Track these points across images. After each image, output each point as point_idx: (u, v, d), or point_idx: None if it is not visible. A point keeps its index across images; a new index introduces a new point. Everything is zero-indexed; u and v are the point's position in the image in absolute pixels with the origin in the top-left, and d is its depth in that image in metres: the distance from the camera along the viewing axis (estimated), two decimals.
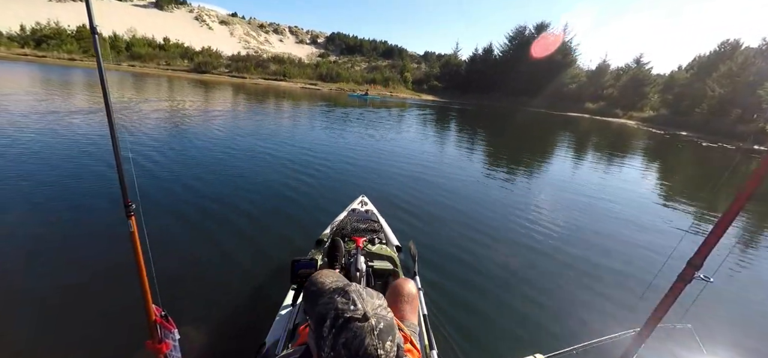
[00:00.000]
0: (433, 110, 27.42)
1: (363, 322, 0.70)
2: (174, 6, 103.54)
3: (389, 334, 0.73)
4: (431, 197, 5.41)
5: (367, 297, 0.76)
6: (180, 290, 2.56)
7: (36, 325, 2.17)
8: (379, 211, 3.42)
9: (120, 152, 1.37)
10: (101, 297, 2.47)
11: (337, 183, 5.69)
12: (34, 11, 52.23)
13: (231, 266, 3.01)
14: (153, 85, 23.17)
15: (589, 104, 44.34)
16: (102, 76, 1.28)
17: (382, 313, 0.74)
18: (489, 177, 7.30)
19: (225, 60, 46.41)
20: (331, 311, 0.72)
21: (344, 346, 0.69)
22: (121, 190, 1.38)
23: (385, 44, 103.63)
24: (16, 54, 36.98)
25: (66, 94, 13.56)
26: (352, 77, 49.58)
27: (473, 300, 2.89)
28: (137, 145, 6.51)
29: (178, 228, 3.55)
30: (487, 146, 12.19)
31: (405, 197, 5.28)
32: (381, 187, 5.69)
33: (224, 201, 4.36)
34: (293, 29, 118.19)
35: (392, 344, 0.73)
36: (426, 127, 15.89)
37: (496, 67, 52.55)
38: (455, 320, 2.53)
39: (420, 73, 62.23)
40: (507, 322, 2.68)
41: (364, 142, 9.58)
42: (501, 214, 5.04)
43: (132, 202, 1.42)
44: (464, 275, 3.25)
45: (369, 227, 2.60)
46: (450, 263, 3.44)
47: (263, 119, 12.32)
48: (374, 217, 2.96)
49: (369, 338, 0.69)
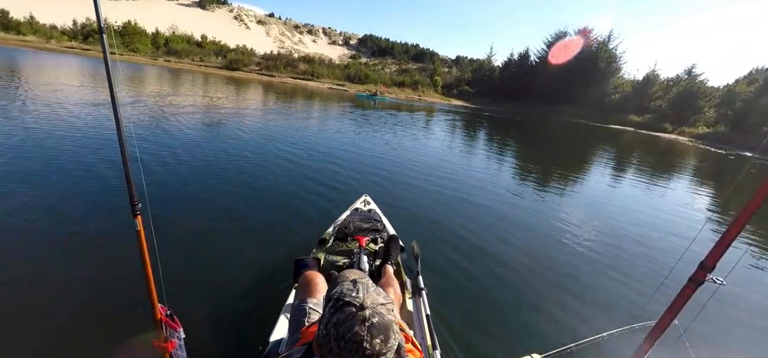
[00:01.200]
0: (460, 116, 26.12)
1: (357, 310, 0.72)
2: (216, 5, 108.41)
3: (382, 332, 0.72)
4: (435, 198, 5.38)
5: (372, 292, 0.77)
6: (185, 290, 2.56)
7: (42, 323, 2.16)
8: (382, 210, 3.41)
9: (127, 150, 1.32)
10: (107, 296, 2.47)
11: (341, 182, 5.66)
12: (88, 9, 55.75)
13: (235, 265, 3.01)
14: (175, 81, 23.29)
15: (634, 117, 41.01)
16: (109, 74, 1.25)
17: (380, 310, 0.75)
18: (495, 180, 7.13)
19: (256, 58, 47.27)
20: (336, 293, 0.76)
21: (334, 326, 0.71)
22: (128, 188, 1.36)
23: (416, 47, 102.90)
24: (65, 47, 39.81)
25: (92, 87, 13.77)
26: (381, 79, 48.92)
27: (476, 300, 2.90)
28: (145, 143, 6.51)
29: (183, 227, 3.54)
30: (498, 151, 11.76)
31: (408, 197, 5.26)
32: (384, 187, 5.70)
33: (228, 200, 4.36)
34: (327, 30, 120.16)
35: (383, 343, 0.72)
36: (442, 132, 15.19)
37: (531, 74, 50.04)
38: (458, 320, 2.53)
39: (450, 77, 60.59)
40: (511, 322, 2.69)
41: (369, 144, 9.44)
42: (505, 215, 4.97)
43: (139, 201, 1.39)
44: (467, 275, 3.24)
45: (372, 226, 2.58)
46: (453, 262, 3.43)
47: (274, 118, 12.16)
48: (377, 216, 2.96)
49: (359, 326, 0.70)
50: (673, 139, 30.47)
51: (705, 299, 1.36)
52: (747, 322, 3.00)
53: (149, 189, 3.86)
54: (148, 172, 4.96)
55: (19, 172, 4.37)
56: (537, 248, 4.04)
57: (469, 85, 54.40)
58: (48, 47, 36.85)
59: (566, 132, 24.68)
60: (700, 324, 2.18)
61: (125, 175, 1.36)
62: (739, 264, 2.07)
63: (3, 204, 3.52)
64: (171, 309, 1.55)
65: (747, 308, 3.20)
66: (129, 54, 40.14)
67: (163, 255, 1.64)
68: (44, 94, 10.24)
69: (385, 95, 35.16)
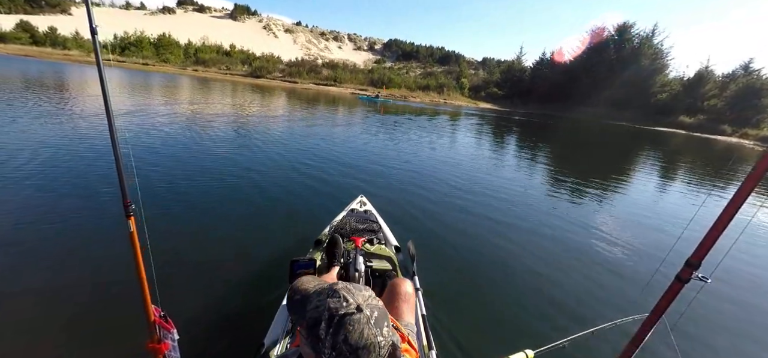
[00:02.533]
0: (486, 120, 24.44)
1: (358, 314, 0.71)
2: (246, 16, 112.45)
3: (384, 320, 0.75)
4: (431, 199, 5.36)
5: (356, 291, 0.77)
6: (179, 291, 2.56)
7: (34, 325, 2.15)
8: (378, 211, 3.41)
9: (120, 152, 1.33)
10: (100, 298, 2.45)
11: (336, 183, 5.62)
12: (127, 22, 59.17)
13: (230, 266, 2.99)
14: (190, 87, 23.37)
15: (685, 118, 37.27)
16: (101, 77, 1.25)
17: (372, 303, 0.76)
18: (493, 183, 6.91)
19: (281, 65, 47.61)
20: (325, 312, 0.72)
21: (345, 342, 0.69)
22: (121, 190, 1.35)
23: (441, 50, 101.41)
24: (103, 60, 40.77)
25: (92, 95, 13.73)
26: (405, 83, 47.72)
27: (472, 300, 2.92)
28: (138, 144, 6.43)
29: (177, 228, 3.52)
30: (505, 153, 11.21)
31: (404, 198, 5.24)
32: (380, 188, 5.64)
33: (223, 201, 4.34)
34: (352, 36, 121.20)
35: (388, 329, 0.75)
36: (454, 135, 14.19)
37: (565, 74, 46.99)
38: (454, 320, 2.51)
39: (477, 79, 58.32)
40: (506, 321, 2.71)
41: (365, 145, 9.32)
42: (501, 217, 4.96)
43: (131, 202, 1.39)
44: (463, 275, 3.27)
45: (368, 227, 2.61)
46: (449, 263, 3.47)
47: (273, 122, 11.87)
48: (373, 217, 2.98)
49: (367, 328, 0.71)
50: (733, 143, 27.03)
51: (692, 296, 1.41)
52: (732, 318, 3.04)
53: (142, 190, 3.87)
54: (141, 173, 4.87)
55: (13, 175, 4.31)
56: (531, 247, 4.02)
57: (498, 87, 51.88)
58: (88, 60, 38.90)
59: (607, 137, 22.31)
60: (686, 321, 2.54)
61: (118, 177, 1.35)
62: (725, 261, 1.46)
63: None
64: (164, 310, 1.54)
65: (733, 305, 3.24)
66: (160, 64, 41.75)
67: (157, 256, 1.65)
68: (45, 101, 10.16)
69: (388, 97, 33.81)
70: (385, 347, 0.73)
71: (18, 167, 4.61)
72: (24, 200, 3.73)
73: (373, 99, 30.47)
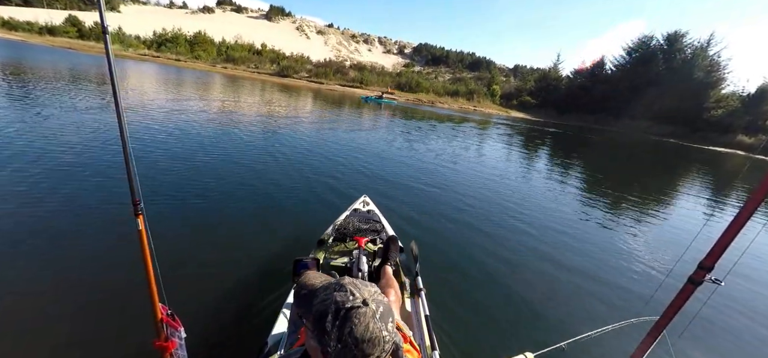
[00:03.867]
0: (515, 130, 22.72)
1: (365, 307, 0.72)
2: (281, 17, 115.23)
3: (389, 316, 0.75)
4: (434, 200, 5.35)
5: (362, 286, 0.77)
6: (186, 289, 2.55)
7: (44, 322, 2.15)
8: (381, 211, 3.35)
9: (129, 150, 1.33)
10: (108, 295, 2.45)
11: (340, 183, 5.63)
12: (169, 20, 61.77)
13: (235, 265, 3.00)
14: (211, 84, 23.41)
15: (744, 137, 33.54)
16: (112, 74, 1.24)
17: (379, 298, 0.76)
18: (497, 187, 6.85)
19: (308, 65, 47.65)
20: (331, 306, 0.72)
21: (350, 334, 0.69)
22: (130, 188, 1.36)
23: (472, 56, 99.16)
24: (139, 54, 43.75)
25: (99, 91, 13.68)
26: (433, 88, 46.35)
27: (474, 301, 2.92)
28: (147, 143, 6.38)
29: (184, 227, 3.52)
30: (514, 159, 11.05)
31: (407, 198, 5.24)
32: (383, 188, 5.66)
33: (229, 201, 4.34)
34: (382, 39, 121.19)
35: (392, 325, 0.75)
36: (471, 143, 13.19)
37: (607, 84, 43.89)
38: (456, 321, 2.53)
39: (509, 86, 55.91)
40: (509, 322, 2.71)
41: (369, 146, 9.24)
42: (503, 215, 4.98)
43: (140, 200, 1.39)
44: (466, 276, 3.27)
45: (371, 227, 2.62)
46: (452, 263, 3.46)
47: (283, 121, 11.85)
48: (376, 217, 2.97)
49: (373, 322, 0.71)
50: None
51: (705, 299, 1.41)
52: (744, 322, 2.99)
53: (151, 188, 4.13)
54: (150, 171, 4.93)
55: (23, 172, 4.29)
56: (535, 251, 3.97)
57: (532, 95, 49.31)
58: (126, 55, 40.66)
59: (648, 154, 20.02)
60: (698, 324, 2.30)
61: (127, 175, 1.34)
62: (738, 264, 1.48)
63: (6, 203, 3.49)
64: (172, 308, 1.54)
65: (745, 308, 3.19)
66: (191, 61, 42.93)
67: (164, 255, 1.62)
68: (55, 95, 9.99)
69: (392, 99, 32.49)
70: (390, 342, 0.73)
71: (25, 163, 4.55)
72: (31, 197, 3.69)
73: (376, 100, 29.38)
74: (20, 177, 4.13)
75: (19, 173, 4.23)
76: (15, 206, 3.47)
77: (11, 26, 50.16)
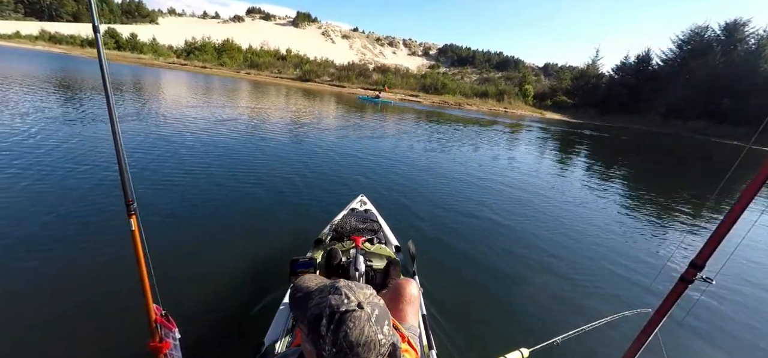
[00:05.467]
0: (551, 133, 20.22)
1: (359, 311, 0.71)
2: (307, 23, 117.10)
3: (385, 319, 0.74)
4: (431, 199, 5.36)
5: (357, 289, 0.77)
6: (180, 290, 2.55)
7: (36, 324, 2.15)
8: (379, 211, 3.37)
9: (122, 150, 1.34)
10: (101, 296, 2.45)
11: (337, 183, 5.59)
12: (202, 29, 63.68)
13: (231, 265, 2.99)
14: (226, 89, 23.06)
15: None
16: (104, 75, 1.26)
17: (374, 301, 0.76)
18: (494, 186, 6.69)
19: (330, 69, 46.93)
20: (326, 309, 0.72)
21: (345, 338, 0.69)
22: (123, 188, 1.36)
23: (499, 55, 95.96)
24: (168, 63, 44.97)
25: None
26: (461, 89, 44.08)
27: (471, 299, 2.94)
28: (139, 143, 6.36)
29: (178, 227, 3.52)
30: (520, 159, 10.43)
31: (404, 197, 5.24)
32: (380, 187, 5.63)
33: (224, 200, 4.32)
34: (407, 42, 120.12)
35: (389, 327, 0.75)
36: None
37: (654, 81, 39.77)
38: (454, 320, 2.53)
39: (542, 86, 52.48)
40: (504, 321, 2.73)
41: (365, 144, 9.26)
42: (501, 214, 5.02)
43: (133, 200, 1.39)
44: (462, 275, 3.29)
45: (368, 226, 2.53)
46: (448, 262, 3.48)
47: (279, 122, 11.59)
48: (373, 216, 2.94)
49: (368, 326, 0.70)
50: None
51: (696, 297, 1.41)
52: (735, 320, 3.02)
53: (144, 189, 4.33)
54: (143, 171, 4.89)
55: (15, 173, 4.26)
56: (530, 248, 4.03)
57: (568, 95, 45.71)
58: (156, 64, 41.84)
59: (701, 160, 17.06)
60: (690, 321, 2.60)
61: (120, 175, 1.34)
62: (729, 263, 1.46)
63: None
64: (166, 309, 1.53)
65: (736, 306, 3.23)
66: (217, 68, 43.58)
67: (158, 255, 1.62)
68: (47, 98, 9.86)
69: (389, 98, 30.93)
70: (386, 345, 0.73)
71: (21, 165, 4.51)
72: (23, 197, 3.68)
73: (374, 100, 27.92)
74: (11, 178, 4.08)
75: (18, 173, 4.22)
76: (5, 204, 3.45)
77: (56, 40, 53.70)
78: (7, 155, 4.80)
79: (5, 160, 4.63)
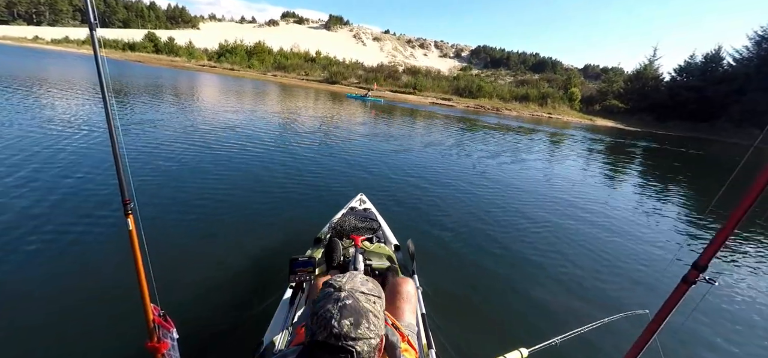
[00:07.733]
0: (600, 142, 16.96)
1: (335, 291, 0.75)
2: (339, 26, 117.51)
3: (353, 315, 0.73)
4: (430, 198, 5.31)
5: (355, 279, 0.79)
6: (178, 290, 2.52)
7: (33, 325, 2.12)
8: (378, 209, 3.36)
9: (118, 150, 1.33)
10: (99, 297, 2.41)
11: (336, 182, 5.57)
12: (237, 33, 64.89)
13: (229, 264, 2.96)
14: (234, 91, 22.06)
15: None
16: (100, 72, 1.24)
17: (357, 296, 0.75)
18: (493, 185, 6.61)
19: (358, 70, 45.35)
20: (329, 281, 0.81)
21: (313, 302, 0.76)
22: (120, 188, 1.35)
23: (535, 57, 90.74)
24: (198, 65, 45.55)
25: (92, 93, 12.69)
26: (498, 92, 40.79)
27: (470, 299, 2.90)
28: (136, 143, 6.30)
29: (176, 227, 3.48)
30: (522, 160, 9.87)
31: (403, 196, 5.20)
32: (380, 186, 5.62)
33: (222, 200, 4.28)
34: (438, 43, 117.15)
35: (352, 326, 0.72)
36: None
37: (725, 83, 34.48)
38: (452, 319, 2.51)
39: (589, 89, 47.76)
40: (504, 320, 2.69)
41: (364, 143, 9.13)
42: (501, 214, 4.95)
43: (130, 200, 1.38)
44: (462, 274, 3.25)
45: (368, 225, 2.53)
46: (448, 262, 3.43)
47: (279, 121, 11.50)
48: (373, 215, 2.94)
49: (331, 304, 0.73)
50: None
51: (699, 298, 1.38)
52: (737, 321, 2.96)
53: (141, 188, 4.25)
54: (140, 171, 4.85)
55: (9, 173, 4.20)
56: (531, 247, 3.96)
57: (620, 99, 40.98)
58: (188, 66, 42.49)
59: None
60: (692, 323, 2.48)
61: (117, 175, 1.33)
62: (731, 264, 1.82)
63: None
64: (164, 309, 1.53)
65: (738, 308, 3.16)
66: (244, 70, 43.67)
67: (156, 255, 1.61)
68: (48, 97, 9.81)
69: (379, 97, 29.23)
70: (344, 338, 0.71)
71: (16, 165, 4.44)
72: (20, 198, 3.60)
73: (363, 98, 26.25)
74: (8, 179, 4.02)
75: (15, 174, 4.17)
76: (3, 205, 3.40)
77: (99, 44, 56.43)
78: (7, 155, 4.81)
79: (6, 160, 4.64)
